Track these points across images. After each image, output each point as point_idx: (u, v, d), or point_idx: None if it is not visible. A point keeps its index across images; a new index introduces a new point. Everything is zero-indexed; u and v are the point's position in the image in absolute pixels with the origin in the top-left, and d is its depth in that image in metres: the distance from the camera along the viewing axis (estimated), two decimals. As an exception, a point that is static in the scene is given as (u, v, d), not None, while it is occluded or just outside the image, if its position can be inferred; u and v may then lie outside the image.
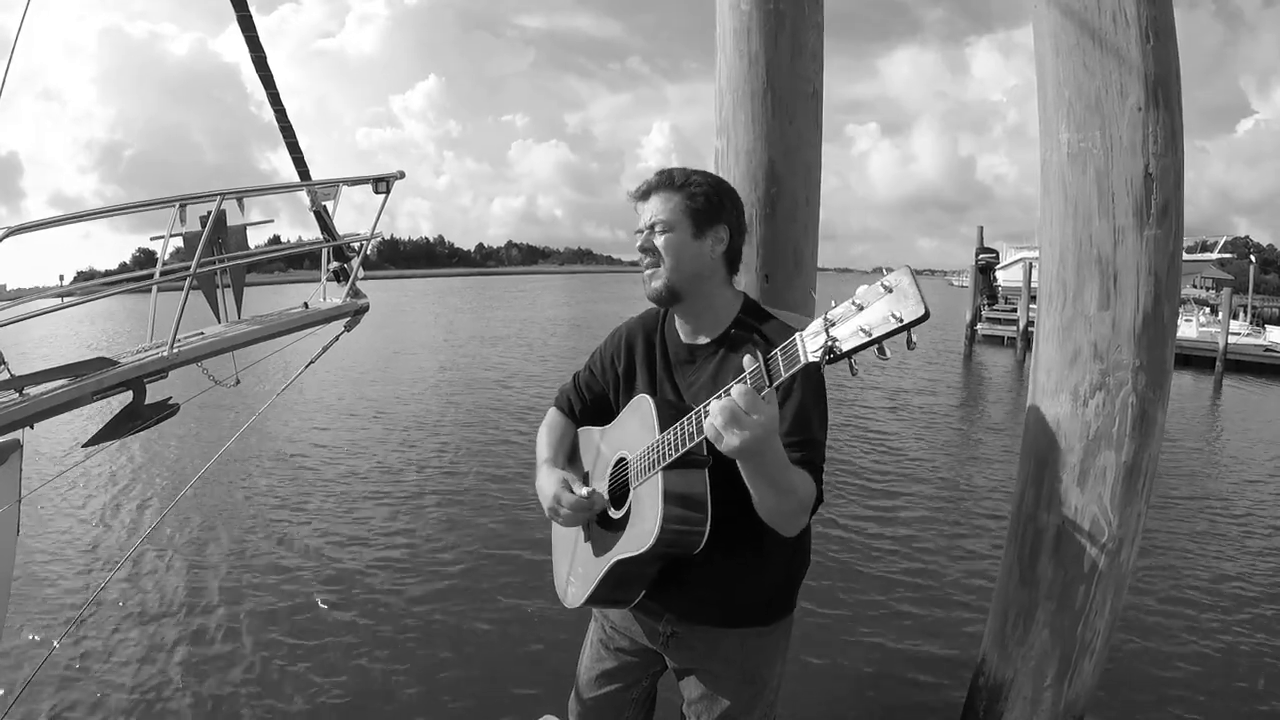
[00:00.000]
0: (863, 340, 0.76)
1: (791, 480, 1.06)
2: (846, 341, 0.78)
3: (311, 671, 2.98)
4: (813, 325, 0.82)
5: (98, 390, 2.03)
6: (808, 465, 1.14)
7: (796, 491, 1.07)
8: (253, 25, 2.79)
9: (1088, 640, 1.74)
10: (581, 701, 1.55)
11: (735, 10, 1.98)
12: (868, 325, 0.76)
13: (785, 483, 1.04)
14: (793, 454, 1.11)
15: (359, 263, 2.97)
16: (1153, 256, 1.60)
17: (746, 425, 0.91)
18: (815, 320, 0.82)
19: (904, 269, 0.74)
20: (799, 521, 1.13)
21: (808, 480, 1.12)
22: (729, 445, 0.93)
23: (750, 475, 1.03)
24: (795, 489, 1.07)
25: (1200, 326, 16.75)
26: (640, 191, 1.30)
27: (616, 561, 1.22)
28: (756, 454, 0.96)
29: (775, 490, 1.04)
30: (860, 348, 0.77)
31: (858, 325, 0.77)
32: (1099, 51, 1.61)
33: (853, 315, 0.78)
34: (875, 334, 0.75)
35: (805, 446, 1.15)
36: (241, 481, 5.80)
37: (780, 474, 1.03)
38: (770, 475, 1.02)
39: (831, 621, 3.46)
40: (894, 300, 0.74)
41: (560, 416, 1.53)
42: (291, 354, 2.92)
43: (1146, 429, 1.64)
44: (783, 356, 0.87)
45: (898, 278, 0.74)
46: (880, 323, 0.75)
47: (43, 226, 2.09)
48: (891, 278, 0.75)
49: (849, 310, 0.78)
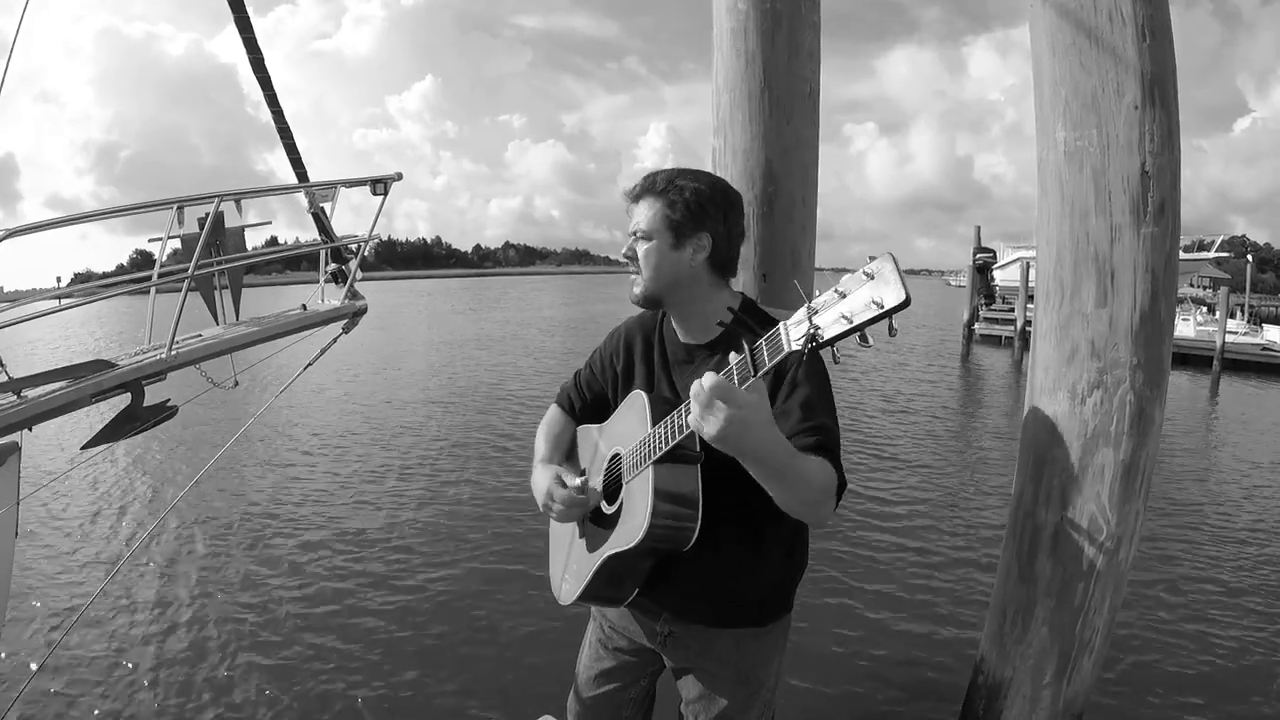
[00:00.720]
0: (845, 327, 0.76)
1: (802, 468, 1.04)
2: (829, 329, 0.78)
3: (308, 671, 2.97)
4: (797, 314, 0.82)
5: (96, 392, 2.02)
6: (823, 450, 1.13)
7: (812, 480, 1.06)
8: (250, 27, 2.78)
9: (1087, 638, 1.74)
10: (580, 701, 1.55)
11: (732, 10, 1.99)
12: (849, 312, 0.76)
13: (794, 472, 1.03)
14: (807, 439, 1.11)
15: (357, 264, 2.96)
16: (1149, 254, 1.60)
17: (720, 411, 0.90)
18: (800, 309, 0.82)
19: (886, 255, 0.74)
20: (825, 510, 1.11)
21: (825, 466, 1.10)
22: (709, 433, 0.93)
23: (754, 472, 1.01)
24: (810, 478, 1.06)
25: (1198, 326, 16.74)
26: (630, 194, 1.31)
27: (608, 557, 1.22)
28: (740, 443, 0.94)
29: (785, 481, 1.03)
30: (842, 335, 0.77)
31: (840, 312, 0.77)
32: (1095, 50, 1.62)
33: (835, 303, 0.78)
34: (857, 320, 0.75)
35: (818, 432, 1.15)
36: (240, 483, 5.79)
37: (786, 463, 1.01)
38: (775, 469, 1.00)
39: (829, 620, 3.46)
40: (875, 286, 0.74)
41: (560, 414, 1.54)
42: (290, 356, 2.92)
43: (1144, 427, 1.64)
44: (767, 346, 0.87)
45: (879, 264, 0.74)
46: (862, 309, 0.75)
47: (41, 229, 2.08)
48: (874, 264, 0.75)
49: (832, 298, 0.78)
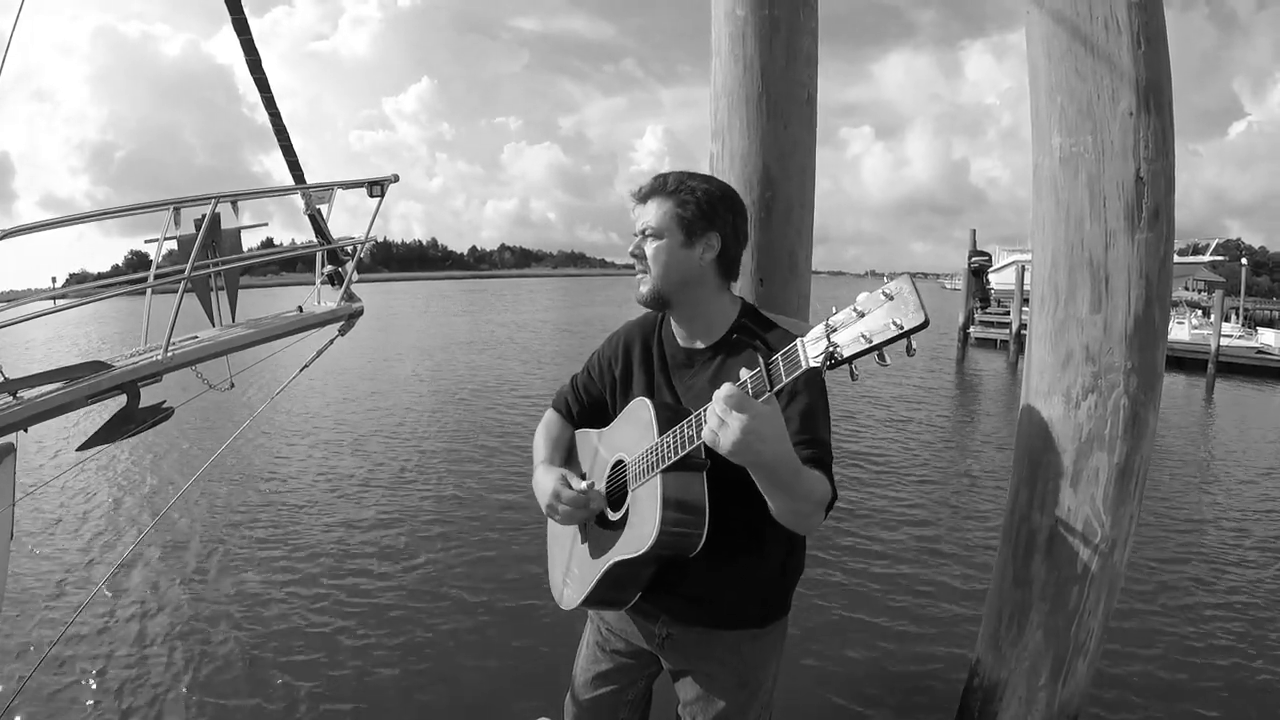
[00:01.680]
0: (864, 346, 0.77)
1: (805, 484, 1.05)
2: (848, 348, 0.79)
3: (304, 674, 2.96)
4: (814, 331, 0.83)
5: (92, 394, 2.02)
6: (818, 464, 1.14)
7: (811, 493, 1.07)
8: (248, 27, 2.78)
9: (1081, 641, 1.75)
10: (577, 703, 1.55)
11: (731, 16, 2.00)
12: (869, 332, 0.77)
13: (800, 488, 1.04)
14: (804, 451, 1.12)
15: (353, 266, 2.96)
16: (1144, 259, 1.61)
17: (738, 422, 0.91)
18: (817, 326, 0.83)
19: (905, 277, 0.76)
20: (815, 521, 1.13)
21: (821, 480, 1.11)
22: (725, 444, 0.93)
23: (761, 482, 1.02)
24: (810, 492, 1.07)
25: (1192, 329, 16.79)
26: (638, 195, 1.31)
27: (614, 563, 1.22)
28: (756, 455, 0.95)
29: (790, 495, 1.04)
30: (861, 354, 0.78)
31: (859, 332, 0.78)
32: (1091, 57, 1.63)
33: (854, 322, 0.79)
34: (875, 341, 0.77)
35: (814, 445, 1.16)
36: (236, 485, 5.77)
37: (794, 479, 1.02)
38: (783, 481, 1.02)
39: (826, 623, 3.47)
40: (894, 308, 0.75)
41: (558, 418, 1.54)
42: (286, 358, 2.92)
43: (1138, 431, 1.65)
44: (784, 361, 0.88)
45: (898, 285, 0.76)
46: (881, 330, 0.76)
47: (38, 229, 2.08)
48: (892, 285, 0.76)
49: (850, 317, 0.79)
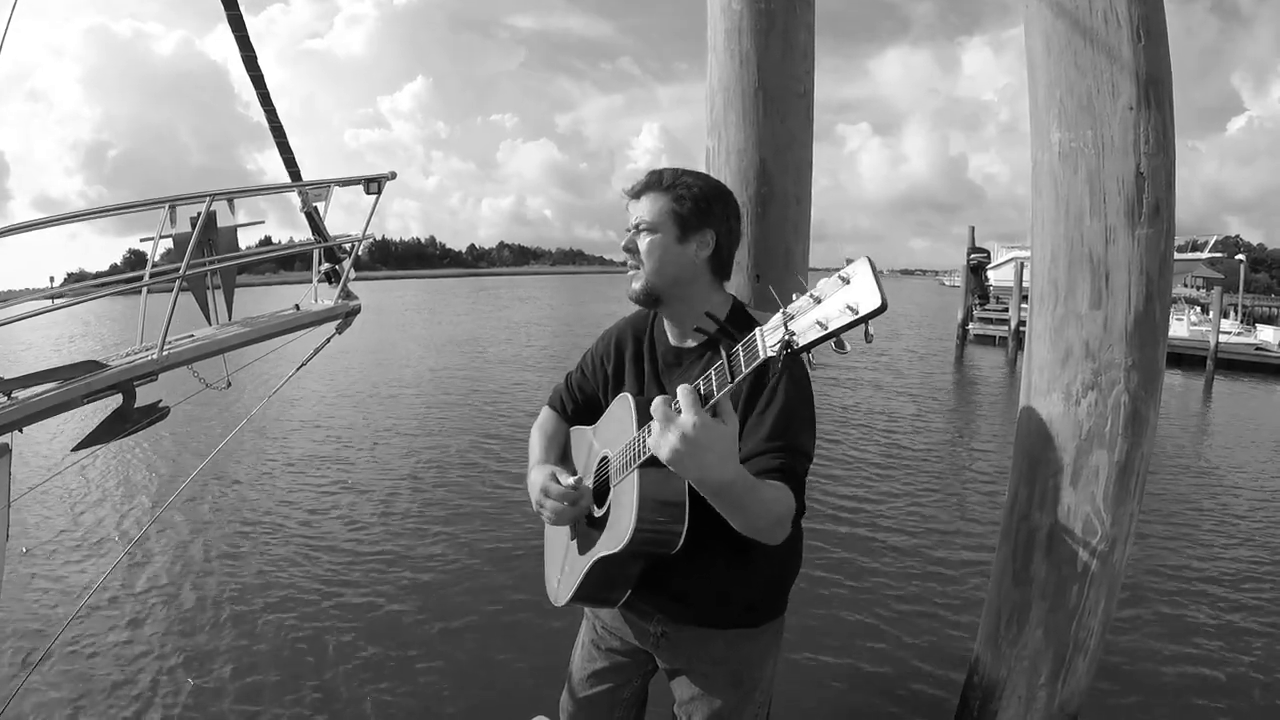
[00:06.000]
0: (820, 334, 0.74)
1: (759, 500, 1.01)
2: (804, 335, 0.75)
3: (301, 672, 2.96)
4: (773, 320, 0.80)
5: (87, 394, 2.01)
6: (786, 474, 1.10)
7: (768, 511, 1.03)
8: (243, 25, 2.77)
9: (1081, 639, 1.74)
10: (574, 701, 1.55)
11: (727, 10, 1.99)
12: (824, 318, 0.73)
13: (754, 506, 1.01)
14: (772, 460, 1.09)
15: (350, 264, 2.95)
16: (1144, 256, 1.60)
17: (674, 433, 0.88)
18: (776, 314, 0.79)
19: (863, 259, 0.72)
20: (777, 535, 1.08)
21: (781, 495, 1.07)
22: (664, 459, 0.90)
23: (707, 497, 0.98)
24: (765, 509, 1.03)
25: (1191, 326, 16.80)
26: (632, 191, 1.29)
27: (597, 560, 1.21)
28: (698, 472, 0.91)
29: (743, 514, 1.01)
30: (817, 341, 0.75)
31: (815, 318, 0.74)
32: (1090, 51, 1.62)
33: (810, 308, 0.75)
34: (831, 326, 0.73)
35: (786, 453, 1.12)
36: (233, 484, 5.76)
37: (745, 496, 0.98)
38: (729, 497, 0.97)
39: (824, 622, 3.46)
40: (850, 291, 0.72)
41: (552, 415, 1.53)
42: (283, 356, 2.91)
43: (1138, 428, 1.64)
44: (744, 352, 0.84)
45: (855, 267, 0.72)
46: (836, 315, 0.72)
47: (33, 228, 2.07)
48: (850, 269, 0.73)
49: (807, 303, 0.76)
